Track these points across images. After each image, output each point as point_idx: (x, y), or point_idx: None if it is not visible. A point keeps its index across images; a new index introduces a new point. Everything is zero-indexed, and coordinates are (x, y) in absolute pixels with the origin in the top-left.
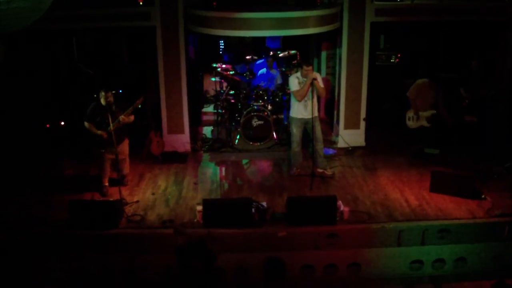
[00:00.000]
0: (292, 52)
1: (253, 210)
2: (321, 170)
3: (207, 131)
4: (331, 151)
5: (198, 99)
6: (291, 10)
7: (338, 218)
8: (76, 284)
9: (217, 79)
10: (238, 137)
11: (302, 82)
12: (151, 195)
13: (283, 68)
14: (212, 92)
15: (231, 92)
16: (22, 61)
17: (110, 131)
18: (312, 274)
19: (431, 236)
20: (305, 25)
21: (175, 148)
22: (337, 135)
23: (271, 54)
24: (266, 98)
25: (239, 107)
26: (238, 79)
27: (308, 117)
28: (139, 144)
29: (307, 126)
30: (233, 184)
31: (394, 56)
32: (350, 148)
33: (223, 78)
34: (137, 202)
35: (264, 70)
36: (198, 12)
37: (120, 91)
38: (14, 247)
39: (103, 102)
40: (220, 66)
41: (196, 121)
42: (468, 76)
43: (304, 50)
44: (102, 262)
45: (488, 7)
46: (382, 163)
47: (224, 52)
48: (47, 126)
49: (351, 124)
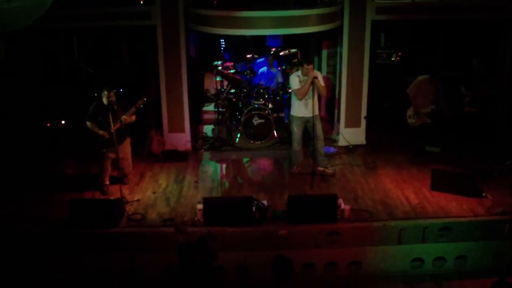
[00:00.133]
0: (292, 50)
1: (253, 209)
2: (321, 168)
3: (208, 129)
4: (331, 150)
5: (198, 97)
6: (291, 9)
7: (338, 217)
8: (76, 283)
9: (218, 79)
10: (238, 135)
11: (303, 81)
12: (152, 193)
13: (284, 66)
14: (212, 91)
15: (232, 90)
16: (22, 60)
17: (111, 130)
18: (313, 272)
19: (432, 234)
20: (305, 23)
21: (175, 146)
22: (337, 133)
23: (271, 52)
24: (266, 96)
25: (240, 105)
26: (238, 77)
27: (309, 115)
28: (140, 143)
29: (307, 124)
30: (233, 183)
31: (394, 55)
32: (351, 147)
33: (224, 76)
34: (137, 200)
35: (264, 69)
36: (198, 10)
37: (121, 90)
38: (14, 247)
39: (105, 101)
40: (221, 64)
41: (197, 119)
42: (469, 75)
43: (305, 48)
44: (102, 261)
45: (488, 5)
46: (383, 162)
47: (224, 50)
48: (48, 125)
49: (352, 122)
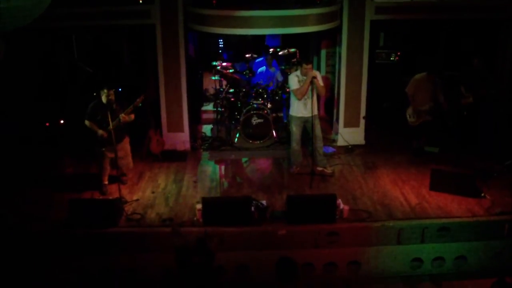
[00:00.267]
0: (291, 50)
1: (252, 209)
2: (320, 168)
3: (207, 129)
4: (330, 150)
5: (197, 97)
6: (290, 8)
7: (337, 217)
8: (76, 283)
9: (217, 78)
10: (237, 135)
11: (302, 81)
12: (151, 193)
13: (283, 66)
14: (211, 91)
15: (231, 90)
16: (21, 59)
17: (110, 129)
18: (312, 272)
19: (431, 234)
20: (304, 23)
21: (174, 146)
22: (336, 133)
23: (270, 52)
24: (265, 96)
25: (239, 105)
26: (237, 77)
27: (308, 115)
28: (139, 142)
29: (306, 124)
30: (232, 183)
31: (394, 54)
32: (350, 147)
33: (223, 76)
34: (136, 200)
35: (263, 68)
36: (197, 10)
37: (120, 89)
38: (14, 247)
39: (104, 100)
40: (219, 64)
41: (196, 119)
42: (469, 75)
43: (304, 48)
44: (101, 261)
45: (488, 5)
46: (382, 162)
47: (223, 50)
48: (47, 124)
49: (351, 122)
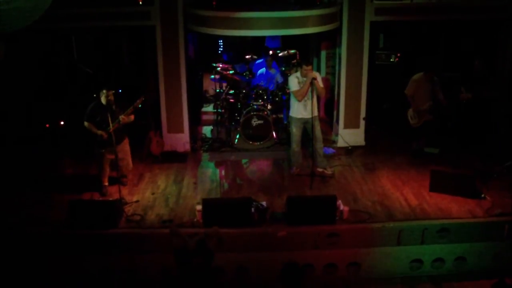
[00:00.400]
0: (291, 51)
1: (252, 210)
2: (320, 169)
3: (207, 130)
4: (330, 151)
5: (197, 98)
6: (290, 10)
7: (338, 218)
8: (75, 284)
9: (216, 77)
10: (237, 136)
11: (302, 82)
12: (151, 194)
13: (283, 67)
14: (211, 92)
15: (231, 91)
16: (21, 60)
17: (110, 131)
18: (312, 273)
19: (431, 236)
20: (304, 24)
21: (174, 147)
22: (336, 134)
23: (270, 53)
24: (265, 97)
25: (239, 106)
26: (237, 78)
27: (308, 116)
28: (139, 143)
29: (306, 125)
30: (232, 184)
31: (393, 56)
32: (350, 148)
33: (223, 77)
34: (136, 202)
35: (263, 70)
36: (197, 11)
37: (120, 90)
38: (14, 247)
39: (103, 101)
40: (219, 65)
41: (196, 120)
42: (470, 76)
43: (304, 49)
44: (102, 262)
45: (488, 6)
46: (382, 163)
47: (223, 51)
48: (47, 125)
49: (351, 123)
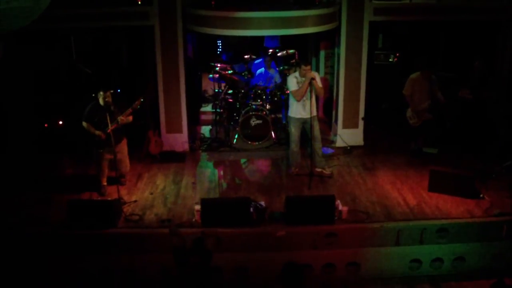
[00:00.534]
0: (290, 51)
1: (251, 210)
2: (319, 169)
3: (206, 130)
4: (329, 151)
5: (196, 98)
6: (289, 10)
7: (336, 218)
8: (75, 283)
9: (215, 77)
10: (236, 136)
11: (301, 82)
12: (149, 194)
13: (282, 67)
14: (210, 92)
15: (230, 91)
16: (20, 60)
17: (108, 131)
18: (310, 273)
19: (430, 236)
20: (303, 24)
21: (173, 147)
22: (335, 134)
23: (269, 53)
24: (264, 97)
25: (238, 106)
26: (236, 78)
27: (307, 116)
28: (137, 143)
29: (305, 125)
30: (231, 184)
31: (392, 56)
32: (349, 148)
33: (222, 77)
34: (135, 201)
35: (262, 70)
36: (196, 11)
37: (119, 90)
38: (14, 247)
39: (101, 102)
40: (218, 65)
41: (195, 120)
42: (470, 77)
43: (303, 49)
44: (100, 261)
45: (486, 6)
46: (381, 163)
47: (222, 51)
48: (46, 125)
49: (350, 123)
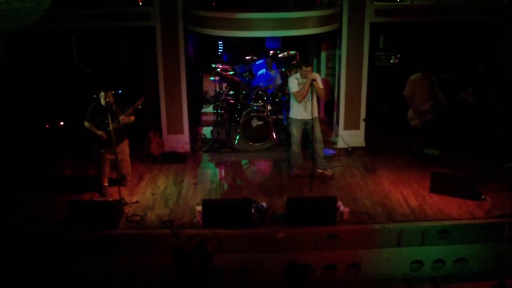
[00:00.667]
0: (291, 52)
1: (252, 211)
2: (320, 170)
3: (207, 131)
4: (330, 152)
5: (197, 99)
6: (290, 11)
7: (338, 219)
8: (75, 284)
9: (216, 78)
10: (237, 137)
11: (302, 83)
12: (151, 195)
13: (283, 68)
14: (211, 93)
15: (231, 92)
16: (21, 60)
17: (109, 131)
18: (311, 274)
19: (431, 237)
20: (304, 25)
21: (174, 148)
22: (336, 135)
23: (270, 54)
24: (265, 98)
25: (239, 107)
26: (237, 79)
27: (308, 118)
28: (139, 144)
29: (306, 127)
30: (232, 185)
31: (393, 57)
32: (350, 149)
33: (223, 78)
34: (136, 202)
35: (263, 71)
36: (197, 12)
37: (120, 91)
38: (14, 247)
39: (102, 102)
40: (219, 66)
41: (196, 121)
42: (472, 78)
43: (304, 50)
44: (101, 262)
45: (487, 7)
46: (382, 164)
47: (223, 52)
48: (47, 126)
49: (351, 124)
